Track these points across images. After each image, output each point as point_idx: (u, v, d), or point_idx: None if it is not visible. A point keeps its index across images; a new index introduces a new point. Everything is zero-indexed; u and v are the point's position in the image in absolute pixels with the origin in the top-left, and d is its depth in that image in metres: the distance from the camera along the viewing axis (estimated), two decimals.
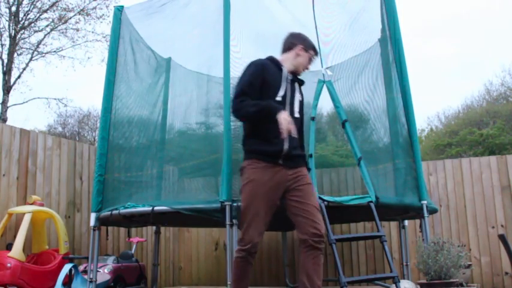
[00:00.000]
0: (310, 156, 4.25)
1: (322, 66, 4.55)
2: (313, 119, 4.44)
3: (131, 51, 5.25)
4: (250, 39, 4.51)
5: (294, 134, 3.01)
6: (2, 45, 17.69)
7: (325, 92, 4.52)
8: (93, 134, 26.70)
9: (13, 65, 17.78)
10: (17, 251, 4.48)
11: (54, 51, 18.95)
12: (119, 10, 5.32)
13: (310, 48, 3.29)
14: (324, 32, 4.68)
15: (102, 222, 4.82)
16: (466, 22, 41.84)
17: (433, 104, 40.42)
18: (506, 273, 5.79)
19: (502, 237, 4.21)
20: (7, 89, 17.48)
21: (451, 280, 3.97)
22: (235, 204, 4.00)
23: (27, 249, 4.90)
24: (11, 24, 17.75)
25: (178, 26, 5.10)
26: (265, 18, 4.69)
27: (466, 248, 5.31)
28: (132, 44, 5.26)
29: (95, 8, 18.72)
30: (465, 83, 39.66)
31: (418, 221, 5.68)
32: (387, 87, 4.84)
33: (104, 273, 5.06)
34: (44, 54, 18.87)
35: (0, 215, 4.75)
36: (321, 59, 4.53)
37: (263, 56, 3.24)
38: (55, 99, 19.81)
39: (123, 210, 4.46)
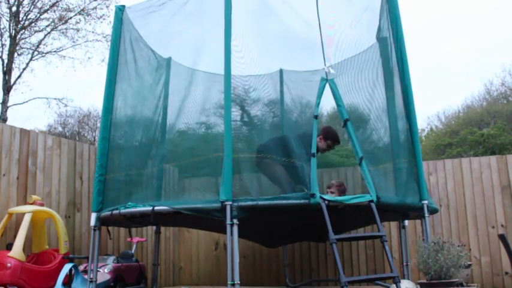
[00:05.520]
0: (313, 155, 4.24)
1: (324, 64, 4.53)
2: (316, 117, 4.42)
3: (132, 51, 5.23)
4: (252, 38, 4.49)
5: None
6: (3, 45, 17.73)
7: (325, 91, 4.50)
8: (93, 134, 26.74)
9: (13, 65, 17.83)
10: (17, 250, 4.47)
11: (55, 51, 19.01)
12: (120, 10, 5.31)
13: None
14: (327, 31, 4.66)
15: (102, 222, 4.81)
16: (466, 22, 41.85)
17: (433, 104, 40.46)
18: (506, 273, 5.78)
19: (502, 237, 4.21)
20: (7, 89, 17.51)
21: (451, 280, 3.96)
22: (235, 204, 3.99)
23: (27, 249, 4.90)
24: (11, 24, 17.77)
25: (177, 24, 5.08)
26: (268, 16, 4.68)
27: (466, 248, 5.30)
28: (133, 44, 5.25)
29: (95, 8, 18.79)
30: (465, 83, 39.67)
31: (418, 221, 5.69)
32: (388, 87, 4.83)
33: (104, 273, 5.06)
34: (44, 54, 18.92)
35: (0, 215, 4.75)
36: (323, 57, 4.51)
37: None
38: (55, 99, 19.90)
39: (123, 210, 4.45)
